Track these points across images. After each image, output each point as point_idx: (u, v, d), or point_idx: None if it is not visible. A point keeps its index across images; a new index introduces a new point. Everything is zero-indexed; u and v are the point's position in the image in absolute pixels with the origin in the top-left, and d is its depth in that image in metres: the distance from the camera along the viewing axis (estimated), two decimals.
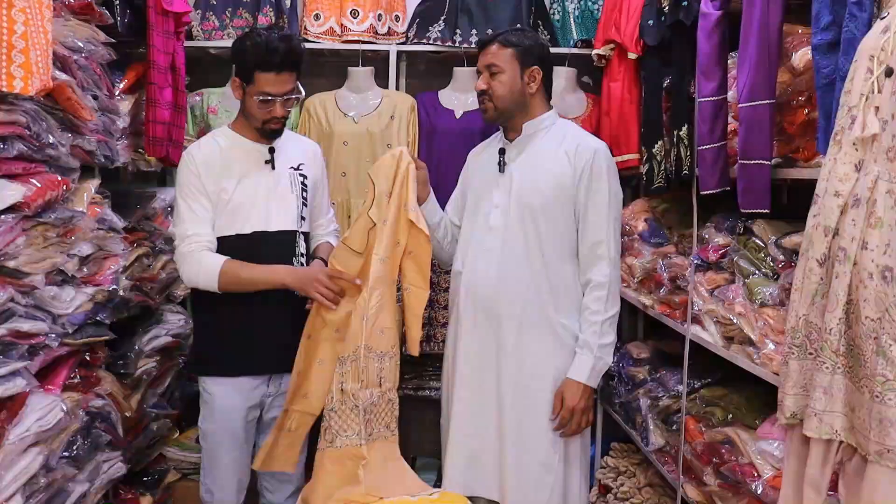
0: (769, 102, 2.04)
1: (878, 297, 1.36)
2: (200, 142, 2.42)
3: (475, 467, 2.28)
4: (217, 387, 2.35)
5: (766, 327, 2.08)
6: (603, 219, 2.25)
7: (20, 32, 1.75)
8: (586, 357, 2.23)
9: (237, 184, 2.33)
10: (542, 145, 2.30)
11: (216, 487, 2.38)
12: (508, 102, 2.28)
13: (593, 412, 2.35)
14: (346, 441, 2.19)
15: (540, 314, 2.26)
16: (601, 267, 2.25)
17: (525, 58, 2.26)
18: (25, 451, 1.93)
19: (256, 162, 2.37)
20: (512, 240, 2.27)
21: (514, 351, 2.25)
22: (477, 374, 2.30)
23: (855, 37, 1.58)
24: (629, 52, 2.91)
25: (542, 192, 2.26)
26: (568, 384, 2.24)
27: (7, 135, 1.84)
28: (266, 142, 2.38)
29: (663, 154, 2.74)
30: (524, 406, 2.25)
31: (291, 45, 2.27)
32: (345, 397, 2.20)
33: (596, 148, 2.28)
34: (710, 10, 2.30)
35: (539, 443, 2.25)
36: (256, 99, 2.27)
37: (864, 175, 1.40)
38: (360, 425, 2.18)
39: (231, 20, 3.38)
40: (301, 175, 2.45)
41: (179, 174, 2.36)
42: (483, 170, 2.40)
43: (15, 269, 1.90)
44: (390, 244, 2.28)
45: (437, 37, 3.39)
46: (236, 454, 2.38)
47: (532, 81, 2.28)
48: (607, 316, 2.24)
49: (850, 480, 1.48)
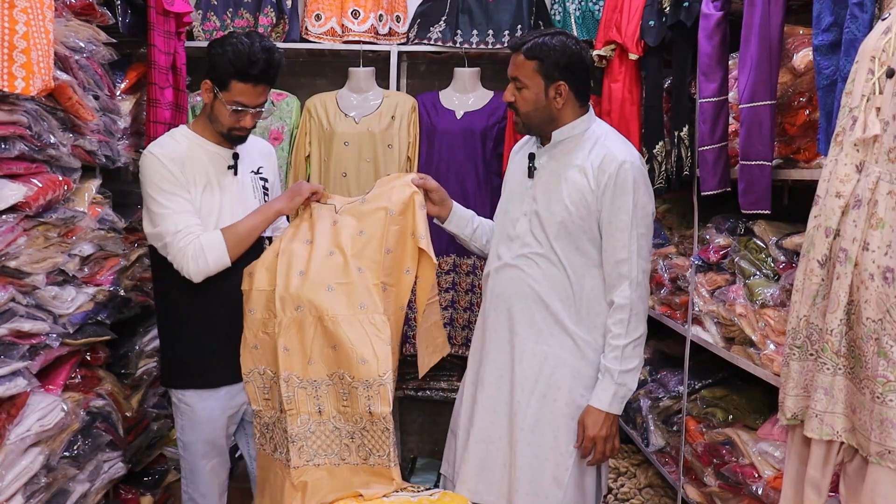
0: (770, 103, 2.04)
1: (879, 299, 1.36)
2: (160, 141, 2.29)
3: (486, 474, 2.25)
4: (196, 398, 2.29)
5: (767, 328, 2.08)
6: (626, 236, 2.11)
7: (22, 32, 1.75)
8: (608, 384, 2.13)
9: (202, 191, 2.24)
10: (569, 154, 2.19)
11: (199, 495, 2.34)
12: (534, 118, 2.18)
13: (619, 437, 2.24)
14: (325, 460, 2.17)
15: (558, 326, 2.18)
16: (623, 288, 2.12)
17: (549, 72, 2.13)
18: (26, 451, 1.93)
19: (220, 167, 2.29)
20: (533, 250, 2.21)
21: (531, 361, 2.20)
22: (495, 381, 2.26)
23: (856, 38, 1.58)
24: (630, 52, 2.91)
25: (563, 206, 2.15)
26: (589, 412, 2.15)
27: (8, 135, 1.84)
28: (229, 146, 2.31)
29: (664, 154, 2.74)
30: (538, 418, 2.18)
31: (272, 58, 2.19)
32: (323, 419, 2.17)
33: (622, 161, 2.11)
34: (711, 11, 2.30)
35: (551, 457, 2.17)
36: (229, 108, 2.19)
37: (866, 176, 1.40)
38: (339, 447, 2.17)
39: (232, 20, 3.38)
40: (262, 179, 2.41)
41: (147, 174, 2.19)
42: (516, 172, 2.32)
43: (16, 269, 1.90)
44: (397, 272, 2.26)
45: (437, 37, 3.39)
46: (216, 461, 2.34)
47: (558, 96, 2.14)
48: (629, 340, 2.12)
49: (850, 481, 1.48)
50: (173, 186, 2.17)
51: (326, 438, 2.19)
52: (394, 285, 2.27)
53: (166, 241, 2.16)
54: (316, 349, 2.18)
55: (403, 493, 2.16)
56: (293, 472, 2.15)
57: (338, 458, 2.18)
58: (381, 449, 2.16)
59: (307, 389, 2.17)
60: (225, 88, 2.19)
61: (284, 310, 2.16)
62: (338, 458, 2.18)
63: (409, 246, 2.27)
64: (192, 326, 2.28)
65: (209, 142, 2.29)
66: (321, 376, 2.17)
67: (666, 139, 2.75)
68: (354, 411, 2.16)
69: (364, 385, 2.13)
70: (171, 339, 2.34)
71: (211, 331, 2.26)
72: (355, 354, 2.13)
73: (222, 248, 2.17)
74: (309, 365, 2.17)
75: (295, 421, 2.16)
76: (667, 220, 3.00)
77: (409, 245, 2.27)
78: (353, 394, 2.14)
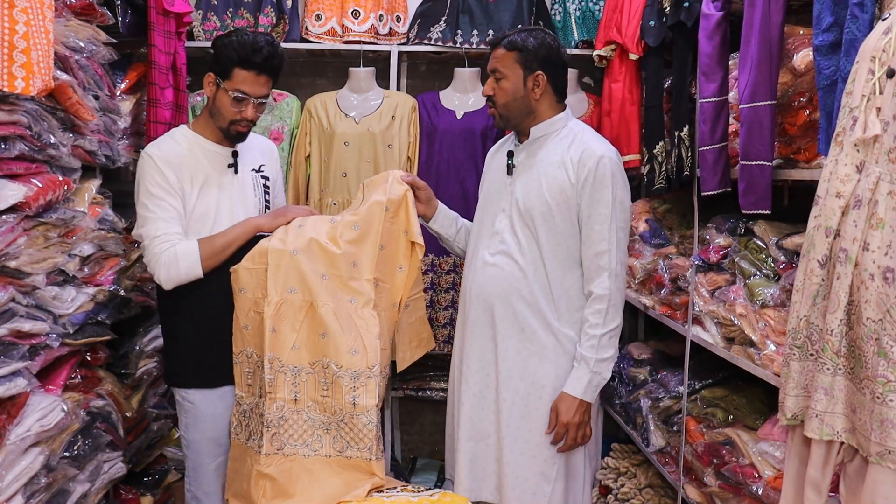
0: (770, 103, 2.04)
1: (879, 299, 1.36)
2: (158, 141, 2.32)
3: (478, 472, 2.27)
4: (199, 396, 2.30)
5: (767, 328, 2.08)
6: (605, 228, 2.16)
7: (22, 32, 1.75)
8: (583, 371, 2.17)
9: (200, 190, 2.26)
10: (548, 150, 2.23)
11: (202, 493, 2.35)
12: (512, 109, 2.22)
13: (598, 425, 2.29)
14: (295, 450, 2.18)
15: (541, 323, 2.21)
16: (602, 279, 2.17)
17: (528, 62, 2.19)
18: (26, 452, 1.93)
19: (219, 166, 2.31)
20: (514, 246, 2.24)
21: (515, 358, 2.23)
22: (480, 379, 2.28)
23: (856, 38, 1.58)
24: (630, 52, 2.91)
25: (543, 200, 2.19)
26: (562, 398, 2.18)
27: (8, 135, 1.84)
28: (229, 144, 2.32)
29: (664, 155, 2.74)
30: (523, 415, 2.22)
31: (275, 50, 2.23)
32: (298, 407, 2.18)
33: (601, 155, 2.17)
34: (711, 11, 2.30)
35: (538, 452, 2.21)
36: (231, 95, 2.21)
37: (866, 176, 1.40)
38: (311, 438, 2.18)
39: (232, 21, 3.38)
40: (263, 177, 2.42)
41: (140, 176, 2.23)
42: (495, 171, 2.36)
43: (16, 269, 1.90)
44: (390, 269, 2.28)
45: (438, 37, 3.39)
46: (221, 460, 2.34)
47: (536, 87, 2.20)
48: (606, 330, 2.16)
49: (851, 481, 1.48)
50: (162, 191, 2.20)
51: (299, 428, 2.19)
52: (386, 282, 2.29)
53: (145, 243, 2.22)
54: (303, 335, 2.20)
55: (403, 493, 2.16)
56: (262, 458, 2.15)
57: (309, 449, 2.19)
58: (361, 442, 2.17)
59: (286, 375, 2.18)
60: (228, 77, 2.22)
61: (276, 287, 2.17)
62: (309, 449, 2.19)
63: (402, 243, 2.29)
64: (194, 325, 2.29)
65: (209, 140, 2.31)
66: (303, 363, 2.19)
67: (666, 139, 2.75)
68: (335, 402, 2.17)
69: (351, 375, 2.16)
70: (173, 337, 2.35)
71: (213, 329, 2.28)
72: (345, 344, 2.16)
73: (195, 259, 2.20)
74: (292, 349, 2.18)
75: (271, 406, 2.17)
76: (667, 220, 3.00)
77: (402, 242, 2.29)
78: (336, 383, 2.15)
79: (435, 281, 3.38)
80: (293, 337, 2.18)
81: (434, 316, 3.40)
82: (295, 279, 2.18)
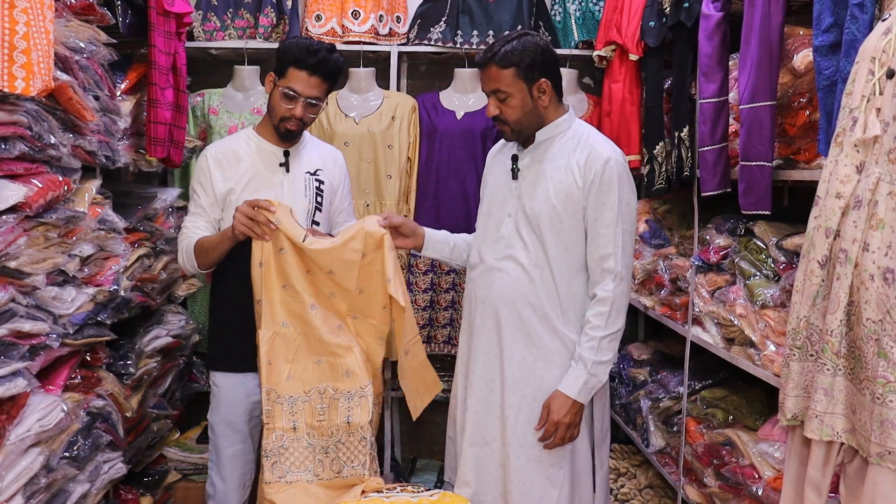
0: (770, 104, 2.04)
1: (879, 299, 1.36)
2: (222, 140, 2.53)
3: (483, 476, 2.25)
4: (224, 380, 2.43)
5: (767, 329, 2.08)
6: (611, 232, 2.13)
7: (22, 33, 1.75)
8: (580, 372, 2.14)
9: (246, 184, 2.39)
10: (554, 154, 2.20)
11: (218, 479, 2.44)
12: (525, 123, 2.18)
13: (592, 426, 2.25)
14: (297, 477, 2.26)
15: (547, 328, 2.19)
16: (606, 282, 2.14)
17: (529, 73, 2.13)
18: (26, 452, 1.93)
19: (270, 164, 2.43)
20: (520, 251, 2.22)
21: (521, 363, 2.21)
22: (485, 384, 2.27)
23: (856, 38, 1.58)
24: (630, 53, 2.92)
25: (550, 205, 2.16)
26: (555, 396, 2.16)
27: (8, 135, 1.84)
28: (285, 145, 2.44)
29: (664, 155, 2.75)
30: (529, 420, 2.19)
31: (332, 56, 2.33)
32: (298, 435, 2.27)
33: (607, 158, 2.13)
34: (711, 12, 2.30)
35: (545, 457, 2.19)
36: (282, 91, 2.32)
37: (866, 177, 1.40)
38: (313, 463, 2.26)
39: (232, 21, 3.38)
40: (317, 180, 2.48)
41: (195, 169, 2.48)
42: (498, 175, 2.33)
43: (16, 270, 1.89)
44: (373, 308, 2.34)
45: (438, 38, 3.39)
46: (238, 448, 2.43)
47: (542, 94, 2.16)
48: (607, 333, 2.13)
49: (851, 482, 1.48)
50: (201, 189, 2.41)
51: (300, 455, 2.28)
52: (371, 317, 2.35)
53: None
54: (297, 366, 2.30)
55: (403, 493, 2.16)
56: (265, 487, 2.24)
57: (311, 474, 2.27)
58: (356, 459, 2.25)
59: (283, 405, 2.28)
60: (283, 75, 2.33)
61: (268, 323, 2.28)
62: (311, 474, 2.27)
63: (383, 285, 2.32)
64: (224, 312, 2.44)
65: (265, 140, 2.45)
66: (297, 392, 2.28)
67: (666, 140, 2.75)
68: (331, 424, 2.26)
69: (346, 397, 2.26)
70: (210, 322, 2.53)
71: (240, 318, 2.38)
72: (341, 367, 2.26)
73: (190, 254, 2.37)
74: (287, 380, 2.28)
75: (270, 436, 2.26)
76: (667, 220, 3.00)
77: (383, 284, 2.32)
78: (332, 406, 2.25)
79: (435, 281, 3.38)
80: (287, 368, 2.29)
81: (434, 316, 3.40)
82: (285, 313, 2.29)
